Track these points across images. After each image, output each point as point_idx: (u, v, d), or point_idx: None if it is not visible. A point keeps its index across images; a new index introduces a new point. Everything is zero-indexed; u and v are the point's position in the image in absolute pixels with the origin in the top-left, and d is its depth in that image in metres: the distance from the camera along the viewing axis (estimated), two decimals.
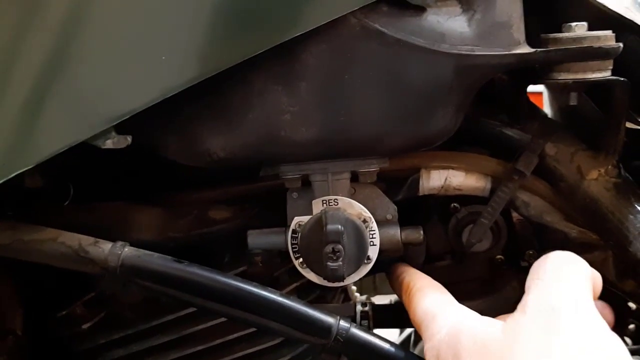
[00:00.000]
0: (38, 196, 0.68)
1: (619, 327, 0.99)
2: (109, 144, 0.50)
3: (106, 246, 0.56)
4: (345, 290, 0.87)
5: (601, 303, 0.54)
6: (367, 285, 1.14)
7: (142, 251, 0.56)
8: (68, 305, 0.73)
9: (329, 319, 0.54)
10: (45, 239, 0.57)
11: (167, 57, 0.49)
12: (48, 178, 0.66)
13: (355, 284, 0.94)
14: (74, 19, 0.49)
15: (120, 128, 0.51)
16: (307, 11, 0.50)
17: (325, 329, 0.54)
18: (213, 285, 0.54)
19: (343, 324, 0.54)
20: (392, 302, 0.93)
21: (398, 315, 0.75)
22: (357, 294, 0.93)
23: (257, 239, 0.63)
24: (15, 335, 0.71)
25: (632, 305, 0.80)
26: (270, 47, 0.49)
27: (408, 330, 1.20)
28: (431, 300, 0.54)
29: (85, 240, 0.56)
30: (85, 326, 0.73)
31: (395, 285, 0.62)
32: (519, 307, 0.46)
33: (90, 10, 0.49)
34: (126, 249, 0.56)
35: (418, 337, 1.15)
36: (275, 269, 0.70)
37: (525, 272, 0.76)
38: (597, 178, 0.64)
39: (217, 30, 0.49)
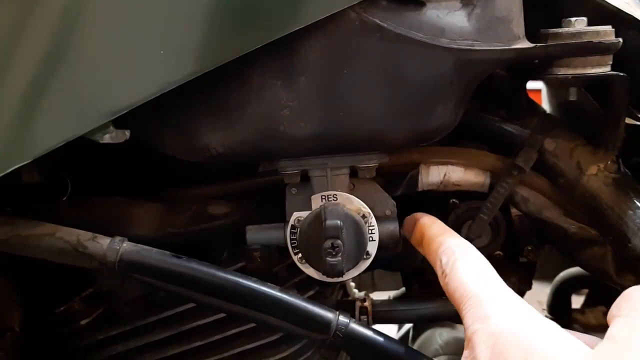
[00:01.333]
0: (36, 191, 0.67)
1: None
2: (107, 138, 0.50)
3: (104, 241, 0.56)
4: (343, 286, 0.87)
5: None
6: (366, 282, 1.14)
7: (140, 246, 0.56)
8: (66, 302, 0.73)
9: (328, 315, 0.54)
10: (43, 234, 0.56)
11: (165, 51, 0.49)
12: (45, 173, 0.66)
13: (353, 280, 0.94)
14: (72, 14, 0.49)
15: (119, 122, 0.50)
16: (306, 5, 0.49)
17: (325, 324, 0.54)
18: (212, 281, 0.54)
19: (342, 319, 0.54)
20: (391, 298, 0.93)
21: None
22: (356, 290, 0.93)
23: (256, 234, 0.63)
24: (13, 331, 0.71)
25: None
26: (269, 41, 0.49)
27: (407, 326, 1.20)
28: (473, 273, 0.48)
29: (84, 236, 0.56)
30: (83, 322, 0.73)
31: (415, 238, 0.58)
32: (607, 338, 0.41)
33: (88, 4, 0.49)
34: (125, 244, 0.56)
35: (417, 333, 1.15)
36: (274, 265, 0.70)
37: (524, 268, 0.77)
38: (596, 173, 0.64)
39: (215, 25, 0.49)
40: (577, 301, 1.29)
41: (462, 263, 0.50)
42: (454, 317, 0.77)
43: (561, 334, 0.41)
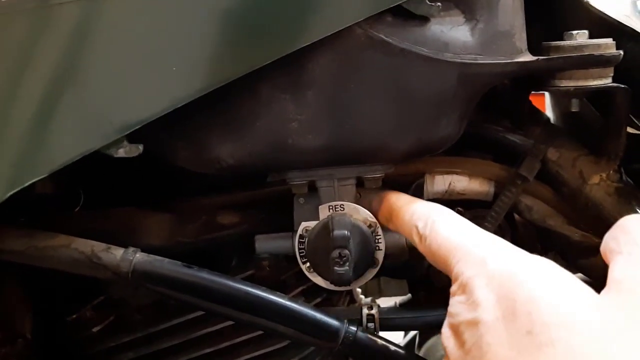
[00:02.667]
0: (49, 202, 0.69)
1: None
2: (121, 152, 0.51)
3: (118, 252, 0.57)
4: (350, 292, 0.88)
5: None
6: (372, 288, 1.15)
7: (153, 257, 0.57)
8: (78, 309, 0.74)
9: (336, 323, 0.55)
10: (59, 245, 0.58)
11: (178, 68, 0.50)
12: (59, 184, 0.67)
13: (360, 286, 0.94)
14: (85, 31, 0.50)
15: (132, 137, 0.52)
16: (314, 22, 0.50)
17: (333, 332, 0.55)
18: (223, 290, 0.55)
19: (350, 327, 0.55)
20: (397, 304, 0.94)
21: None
22: (362, 296, 0.94)
23: (265, 243, 0.64)
24: (24, 338, 0.72)
25: None
26: (278, 57, 0.50)
27: (413, 332, 1.21)
28: (455, 227, 0.48)
29: (98, 247, 0.57)
30: (95, 329, 0.74)
31: (380, 213, 0.58)
32: (612, 281, 0.39)
33: (102, 22, 0.50)
34: (138, 255, 0.57)
35: (423, 339, 1.16)
36: (282, 273, 0.71)
37: None
38: (599, 182, 0.65)
39: (226, 42, 0.50)
40: None
41: (441, 222, 0.49)
42: None
43: (565, 277, 0.40)
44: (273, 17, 0.50)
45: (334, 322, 0.55)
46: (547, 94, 0.83)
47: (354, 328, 0.55)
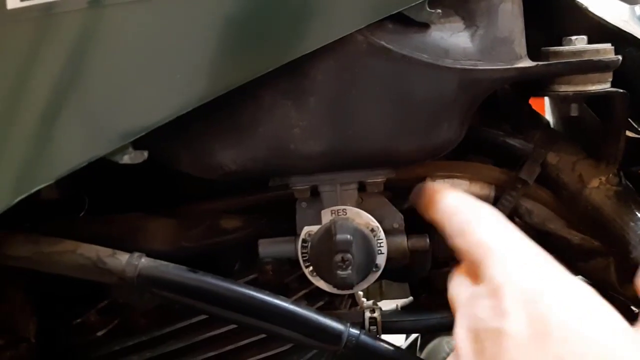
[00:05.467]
0: (54, 208, 0.69)
1: None
2: (126, 159, 0.52)
3: (123, 257, 0.58)
4: (352, 296, 0.89)
5: None
6: (374, 291, 1.15)
7: (158, 262, 0.58)
8: (82, 313, 0.75)
9: (339, 326, 0.56)
10: (65, 250, 0.58)
11: (181, 76, 0.51)
12: (64, 190, 0.68)
13: (362, 289, 0.95)
14: (90, 39, 0.51)
15: (137, 144, 0.52)
16: (316, 30, 0.51)
17: (336, 335, 0.55)
18: (228, 294, 0.56)
19: (353, 330, 0.55)
20: (399, 307, 0.94)
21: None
22: (364, 299, 0.95)
23: (268, 248, 0.65)
24: (28, 342, 0.72)
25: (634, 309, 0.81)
26: (280, 65, 0.51)
27: (414, 335, 1.21)
28: (494, 228, 0.45)
29: (103, 252, 0.58)
30: (99, 333, 0.75)
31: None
32: None
33: (107, 30, 0.51)
34: (143, 260, 0.58)
35: (424, 341, 1.17)
36: (285, 276, 0.71)
37: None
38: (598, 186, 0.66)
39: (229, 50, 0.51)
40: None
41: (480, 219, 0.46)
42: None
43: (603, 306, 0.38)
44: (275, 24, 0.50)
45: (337, 325, 0.56)
46: (547, 100, 0.83)
47: (356, 331, 0.55)
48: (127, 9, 0.50)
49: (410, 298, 0.87)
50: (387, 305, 0.92)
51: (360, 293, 0.94)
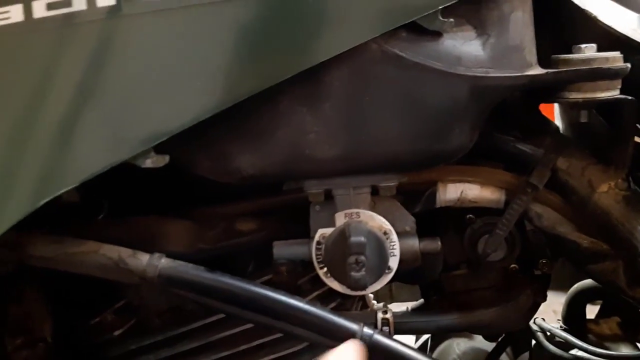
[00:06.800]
0: (74, 210, 0.71)
1: (631, 334, 1.01)
2: (148, 163, 0.53)
3: (144, 258, 0.59)
4: (363, 298, 0.90)
5: None
6: (384, 293, 1.16)
7: (177, 262, 0.59)
8: (99, 314, 0.77)
9: (353, 326, 0.57)
10: (88, 251, 0.60)
11: (202, 83, 0.52)
12: (83, 193, 0.69)
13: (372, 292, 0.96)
14: (113, 48, 0.52)
15: (159, 148, 0.54)
16: (331, 38, 0.53)
17: (350, 335, 0.56)
18: (245, 294, 0.57)
19: (367, 330, 0.57)
20: (409, 310, 0.95)
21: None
22: (374, 302, 0.96)
23: (283, 249, 0.66)
24: (45, 342, 0.73)
25: None
26: (296, 72, 0.52)
27: (425, 336, 1.22)
28: None
29: (125, 252, 0.60)
30: (116, 333, 0.76)
31: None
32: None
33: (129, 39, 0.52)
34: (163, 260, 0.59)
35: (435, 343, 1.17)
36: (299, 278, 0.73)
37: (539, 280, 0.79)
38: (607, 191, 0.67)
39: (247, 58, 0.52)
40: (591, 310, 1.30)
41: None
42: (472, 329, 0.79)
43: None
44: (292, 33, 0.52)
45: (351, 325, 0.57)
46: (556, 106, 0.84)
47: (370, 331, 0.56)
48: (147, 19, 0.52)
49: (421, 300, 0.88)
50: (397, 308, 0.94)
51: (371, 295, 0.95)
